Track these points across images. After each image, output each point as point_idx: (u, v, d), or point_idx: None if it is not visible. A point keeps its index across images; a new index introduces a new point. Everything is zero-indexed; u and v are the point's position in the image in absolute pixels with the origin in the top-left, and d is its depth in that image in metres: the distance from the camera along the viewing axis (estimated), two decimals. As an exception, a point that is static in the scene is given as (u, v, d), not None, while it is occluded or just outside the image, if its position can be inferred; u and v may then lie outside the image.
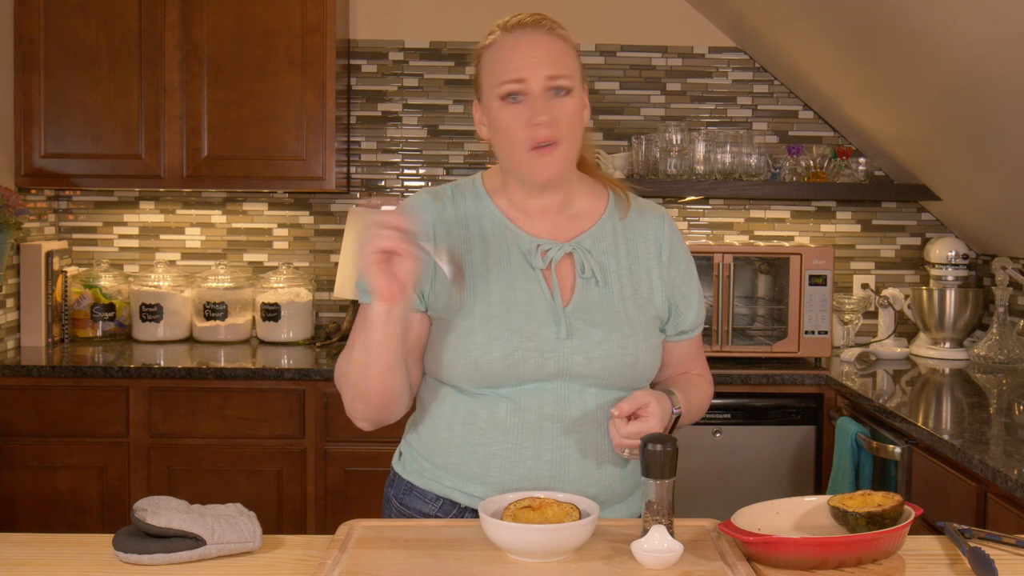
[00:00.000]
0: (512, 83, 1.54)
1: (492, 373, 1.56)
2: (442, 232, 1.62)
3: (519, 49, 1.56)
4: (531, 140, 1.54)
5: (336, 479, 3.10)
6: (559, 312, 1.58)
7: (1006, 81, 2.51)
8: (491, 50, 1.59)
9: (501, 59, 1.57)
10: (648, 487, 1.41)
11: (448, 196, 1.66)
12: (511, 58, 1.55)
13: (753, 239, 3.77)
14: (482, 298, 1.58)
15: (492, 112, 1.58)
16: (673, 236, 1.70)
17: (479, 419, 1.59)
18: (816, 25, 3.06)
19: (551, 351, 1.56)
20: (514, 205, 1.65)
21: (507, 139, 1.57)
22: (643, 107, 3.76)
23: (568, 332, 1.57)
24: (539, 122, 1.53)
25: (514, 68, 1.55)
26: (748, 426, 3.14)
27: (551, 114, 1.54)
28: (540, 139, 1.54)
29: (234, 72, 3.38)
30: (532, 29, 1.57)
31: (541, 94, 1.54)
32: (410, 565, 1.35)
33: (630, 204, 1.70)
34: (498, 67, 1.57)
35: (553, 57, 1.55)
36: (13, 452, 3.06)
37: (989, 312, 3.52)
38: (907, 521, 1.38)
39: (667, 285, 1.67)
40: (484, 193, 1.66)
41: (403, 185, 3.77)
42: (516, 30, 1.58)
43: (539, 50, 1.55)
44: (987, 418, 2.54)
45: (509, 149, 1.58)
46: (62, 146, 3.39)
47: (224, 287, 3.59)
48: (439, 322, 1.61)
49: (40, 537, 1.49)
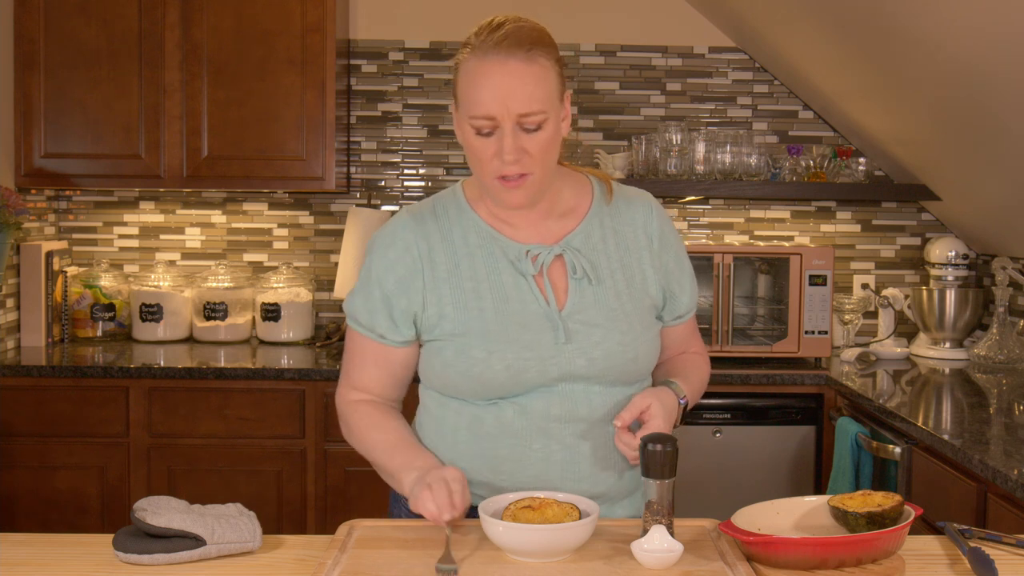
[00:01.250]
0: (481, 119, 1.49)
1: (497, 386, 1.56)
2: (425, 251, 1.60)
3: (490, 80, 1.47)
4: (497, 172, 1.52)
5: (336, 479, 3.10)
6: (555, 317, 1.57)
7: (1006, 81, 2.51)
8: (465, 67, 1.51)
9: (473, 86, 1.49)
10: (648, 487, 1.41)
11: (430, 212, 1.64)
12: (482, 88, 1.48)
13: (753, 239, 3.77)
14: (477, 314, 1.57)
15: (463, 133, 1.54)
16: (662, 222, 1.69)
17: (486, 424, 1.59)
18: (816, 25, 3.06)
19: (552, 357, 1.56)
20: (496, 214, 1.63)
21: (476, 164, 1.54)
22: (643, 107, 3.76)
23: (567, 336, 1.56)
24: (507, 160, 1.49)
25: (484, 103, 1.48)
26: (748, 426, 3.13)
27: (518, 152, 1.49)
28: (507, 173, 1.51)
29: (234, 72, 3.38)
30: (506, 55, 1.47)
31: (511, 130, 1.48)
32: (410, 565, 1.35)
33: (612, 191, 1.68)
34: (470, 94, 1.50)
35: (527, 93, 1.47)
36: (13, 452, 3.06)
37: (989, 312, 3.52)
38: (907, 521, 1.38)
39: (660, 272, 1.67)
40: (465, 204, 1.64)
41: (403, 185, 3.77)
42: (491, 53, 1.48)
43: (510, 84, 1.47)
44: (987, 418, 2.54)
45: (478, 172, 1.55)
46: (62, 146, 3.39)
47: (224, 287, 3.59)
48: (436, 343, 1.61)
49: (40, 537, 1.49)
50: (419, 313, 1.60)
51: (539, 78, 1.49)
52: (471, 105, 1.50)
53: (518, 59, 1.48)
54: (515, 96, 1.47)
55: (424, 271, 1.59)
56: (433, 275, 1.59)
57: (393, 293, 1.60)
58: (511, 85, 1.47)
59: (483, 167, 1.53)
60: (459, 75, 1.53)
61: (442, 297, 1.58)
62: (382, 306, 1.61)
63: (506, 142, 1.49)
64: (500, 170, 1.51)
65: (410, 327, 1.61)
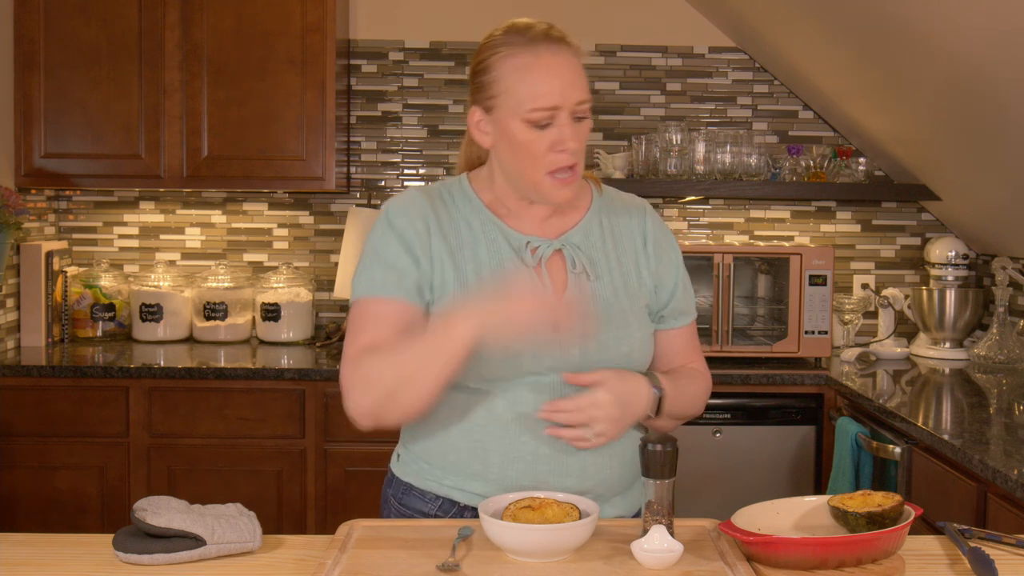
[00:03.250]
0: (543, 111, 1.51)
1: (491, 367, 1.56)
2: (435, 225, 1.61)
3: (550, 71, 1.52)
4: (553, 165, 1.54)
5: (336, 479, 3.10)
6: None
7: (1006, 80, 2.51)
8: (512, 62, 1.53)
9: (531, 80, 1.52)
10: (648, 487, 1.41)
11: (438, 195, 1.66)
12: (543, 81, 1.52)
13: (753, 239, 3.77)
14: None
15: (510, 130, 1.55)
16: (656, 227, 1.72)
17: (476, 416, 1.60)
18: (816, 25, 3.06)
19: (547, 344, 1.57)
20: (501, 203, 1.66)
21: (527, 160, 1.55)
22: (643, 107, 3.76)
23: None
24: (566, 148, 1.53)
25: (548, 94, 1.51)
26: (748, 426, 3.13)
27: (578, 141, 1.54)
28: (564, 164, 1.54)
29: (234, 72, 3.38)
30: (558, 47, 1.54)
31: (568, 119, 1.53)
32: (410, 565, 1.35)
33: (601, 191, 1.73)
34: (527, 88, 1.52)
35: (582, 81, 1.54)
36: (13, 452, 3.06)
37: (989, 312, 3.52)
38: (907, 521, 1.38)
39: (653, 275, 1.69)
40: (472, 192, 1.67)
41: (403, 185, 3.77)
42: (541, 45, 1.53)
43: (568, 74, 1.53)
44: (987, 418, 2.54)
45: (527, 169, 1.56)
46: (62, 146, 3.39)
47: (224, 287, 3.59)
48: None
49: (40, 537, 1.49)
50: (428, 272, 1.58)
51: (582, 70, 1.56)
52: (530, 98, 1.52)
53: (569, 50, 1.55)
54: (575, 84, 1.53)
55: (434, 240, 1.60)
56: (442, 246, 1.60)
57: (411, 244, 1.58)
58: (569, 74, 1.53)
59: (537, 162, 1.55)
60: (502, 72, 1.54)
61: (446, 270, 1.59)
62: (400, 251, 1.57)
63: (567, 131, 1.53)
64: (559, 162, 1.54)
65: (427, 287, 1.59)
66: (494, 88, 1.56)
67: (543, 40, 1.54)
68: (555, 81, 1.52)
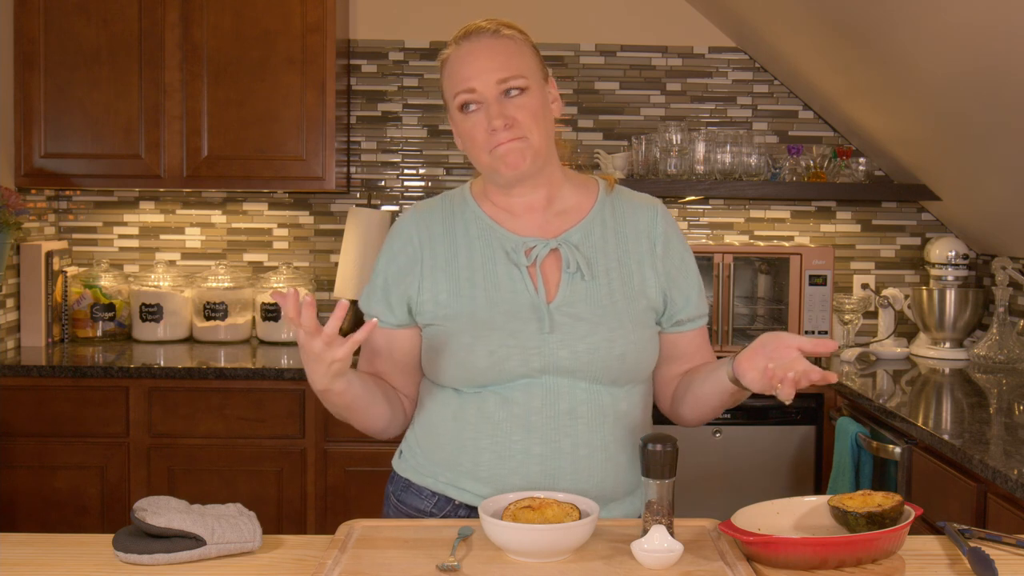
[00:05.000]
0: (464, 93, 1.59)
1: (478, 372, 1.58)
2: (426, 240, 1.67)
3: (467, 58, 1.60)
4: (490, 144, 1.59)
5: (336, 479, 3.10)
6: (542, 308, 1.59)
7: (1006, 81, 2.51)
8: (446, 64, 1.64)
9: (453, 71, 1.62)
10: (648, 487, 1.41)
11: (436, 206, 1.72)
12: (460, 68, 1.60)
13: (753, 239, 3.77)
14: (468, 300, 1.61)
15: (455, 123, 1.65)
16: (667, 227, 1.71)
17: (468, 414, 1.61)
18: (816, 25, 3.06)
19: (535, 347, 1.57)
20: (499, 207, 1.68)
21: (471, 146, 1.62)
22: (643, 107, 3.76)
23: (551, 327, 1.58)
24: (495, 127, 1.57)
25: (464, 78, 1.59)
26: (748, 426, 3.14)
27: (506, 117, 1.57)
28: (499, 142, 1.58)
29: (234, 72, 3.38)
30: (477, 36, 1.62)
31: (495, 99, 1.58)
32: (410, 565, 1.35)
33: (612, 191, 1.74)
34: (451, 80, 1.62)
35: (501, 60, 1.59)
36: (13, 452, 3.06)
37: (989, 312, 3.52)
38: (907, 521, 1.38)
39: (661, 276, 1.67)
40: (470, 198, 1.71)
41: (403, 185, 3.77)
42: (464, 41, 1.62)
43: (485, 56, 1.59)
44: (987, 418, 2.54)
45: (476, 155, 1.63)
46: (62, 146, 3.39)
47: (224, 287, 3.59)
48: (430, 328, 1.65)
49: (40, 537, 1.49)
50: (414, 297, 1.66)
51: (511, 49, 1.61)
52: (453, 85, 1.61)
53: (487, 36, 1.62)
54: (491, 64, 1.58)
55: (423, 259, 1.66)
56: (432, 263, 1.66)
57: (393, 281, 1.68)
58: (486, 56, 1.59)
59: (478, 146, 1.61)
60: (443, 74, 1.66)
61: (438, 283, 1.64)
62: (381, 293, 1.70)
63: (492, 108, 1.58)
64: (492, 141, 1.58)
65: (404, 310, 1.67)
66: (442, 92, 1.66)
67: (471, 34, 1.62)
68: (472, 65, 1.59)
